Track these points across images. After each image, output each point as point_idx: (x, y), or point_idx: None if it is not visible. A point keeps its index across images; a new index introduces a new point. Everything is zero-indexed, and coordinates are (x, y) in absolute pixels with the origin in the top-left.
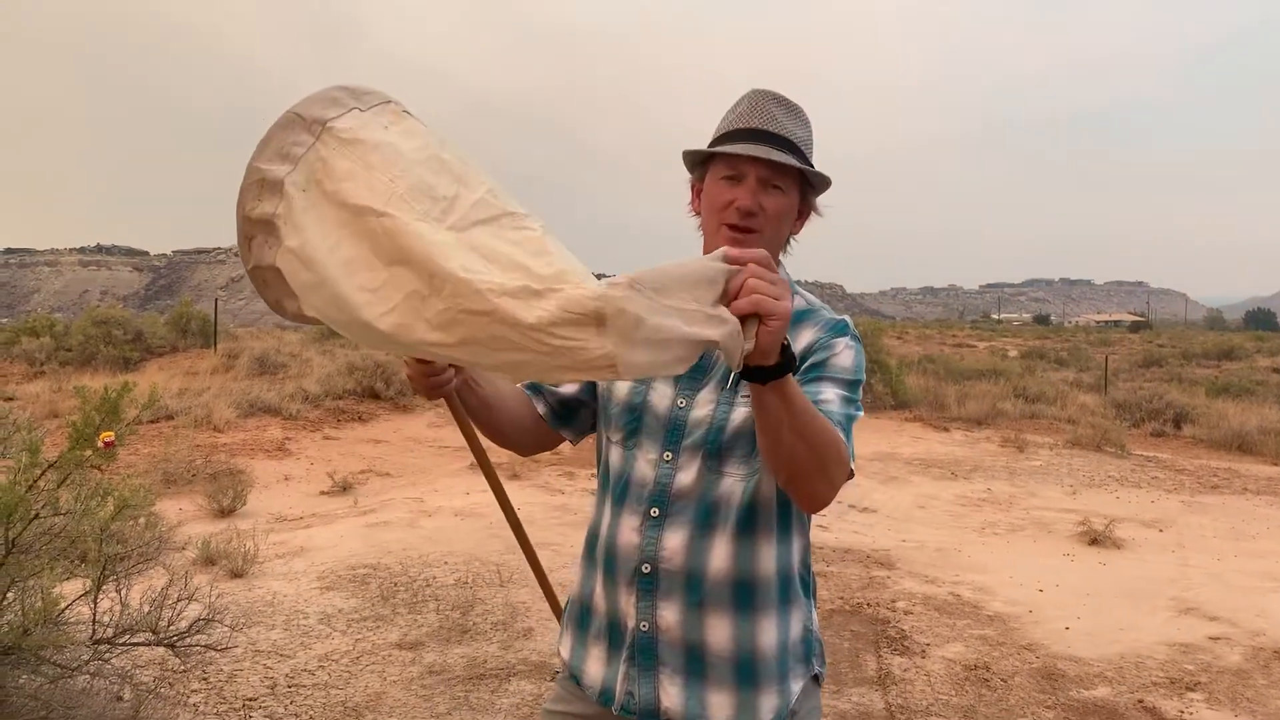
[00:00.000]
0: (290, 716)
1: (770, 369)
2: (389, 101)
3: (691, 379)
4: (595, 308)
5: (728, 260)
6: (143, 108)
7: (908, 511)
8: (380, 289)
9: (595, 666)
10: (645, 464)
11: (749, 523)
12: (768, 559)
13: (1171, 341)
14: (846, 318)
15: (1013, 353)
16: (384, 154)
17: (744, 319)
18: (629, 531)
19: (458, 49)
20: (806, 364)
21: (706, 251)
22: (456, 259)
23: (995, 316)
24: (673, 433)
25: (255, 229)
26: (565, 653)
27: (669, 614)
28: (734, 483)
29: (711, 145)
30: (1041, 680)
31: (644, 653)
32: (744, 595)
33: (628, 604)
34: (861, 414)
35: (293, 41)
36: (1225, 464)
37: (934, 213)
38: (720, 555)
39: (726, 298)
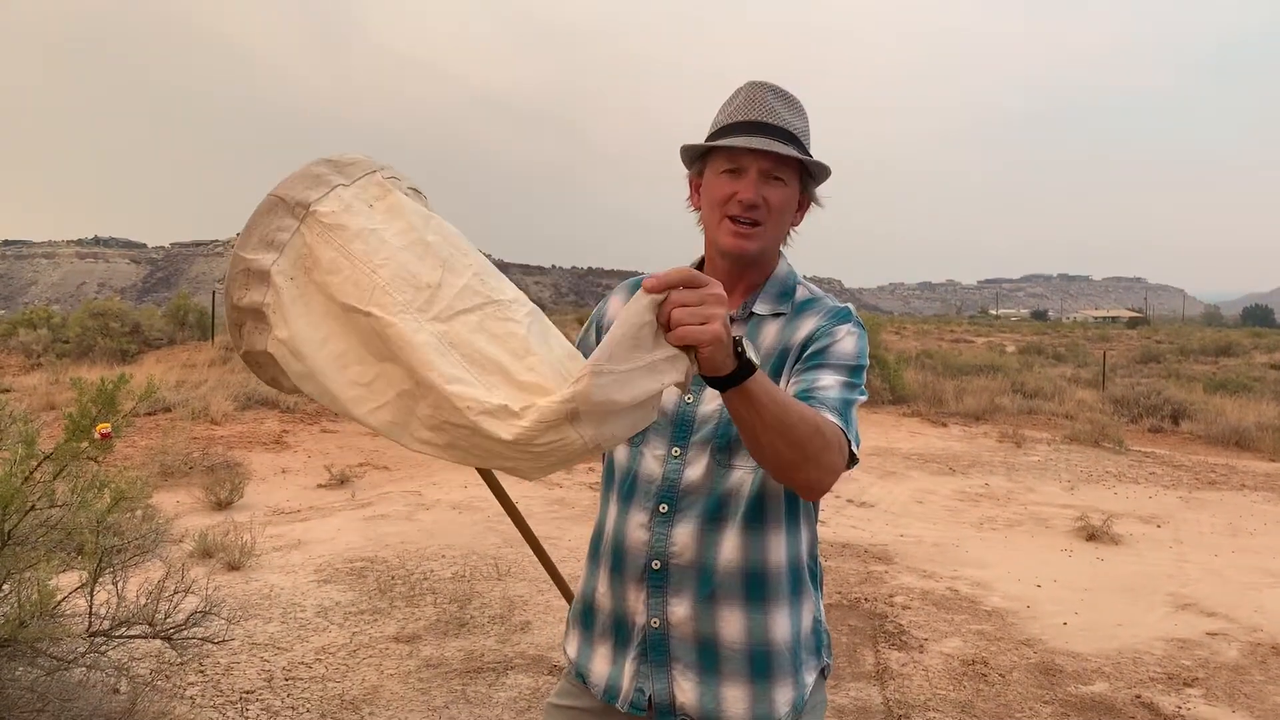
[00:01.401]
0: (287, 709)
1: (726, 378)
2: (374, 171)
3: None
4: (568, 410)
5: (646, 290)
6: (140, 100)
7: (905, 506)
8: (372, 383)
9: (601, 665)
10: (653, 460)
11: (758, 514)
12: (778, 549)
13: (1169, 338)
14: (849, 305)
15: (1011, 348)
16: (366, 242)
17: (683, 347)
18: (637, 528)
19: (458, 44)
20: (808, 352)
21: (708, 246)
22: (438, 366)
23: (993, 312)
24: (681, 428)
25: (245, 316)
26: (571, 652)
27: (680, 609)
28: (743, 475)
29: (710, 139)
30: (1039, 675)
31: (655, 649)
32: (755, 587)
33: (637, 601)
34: (863, 398)
35: (292, 34)
36: (1223, 460)
37: (932, 208)
38: (730, 547)
39: (662, 329)
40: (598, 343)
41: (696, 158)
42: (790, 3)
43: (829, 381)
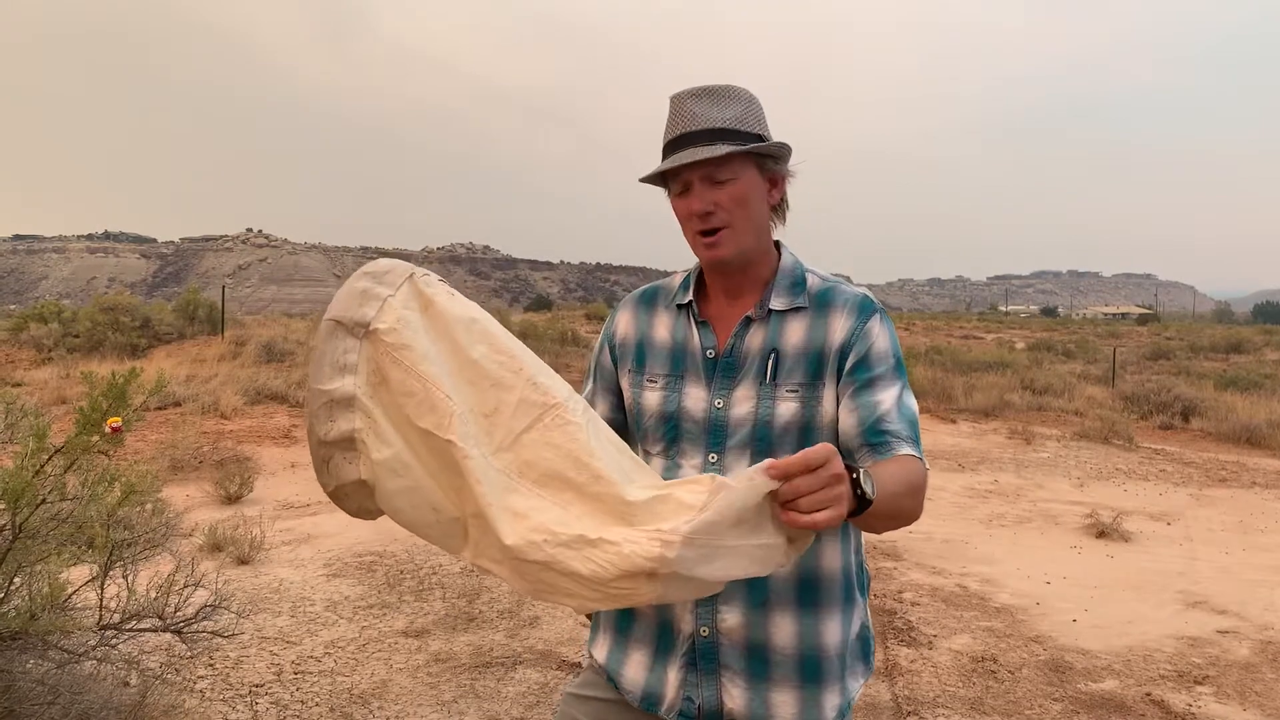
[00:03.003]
0: (296, 703)
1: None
2: (410, 275)
3: (725, 377)
4: (650, 569)
5: (767, 475)
6: (150, 95)
7: None
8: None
9: (636, 671)
10: (690, 470)
11: None
12: (832, 556)
13: (1179, 334)
14: (865, 291)
15: (1020, 344)
16: (433, 363)
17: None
18: None
19: (467, 39)
20: (850, 364)
21: (693, 251)
22: (505, 517)
23: (1002, 308)
24: (715, 435)
25: (332, 450)
26: (600, 655)
27: (731, 617)
28: None
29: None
30: (1049, 672)
31: (706, 657)
32: (808, 593)
33: (684, 610)
34: (909, 393)
35: (302, 29)
36: (1233, 457)
37: (941, 204)
38: None
39: (777, 510)
40: (613, 365)
41: (660, 184)
42: None
43: (887, 400)
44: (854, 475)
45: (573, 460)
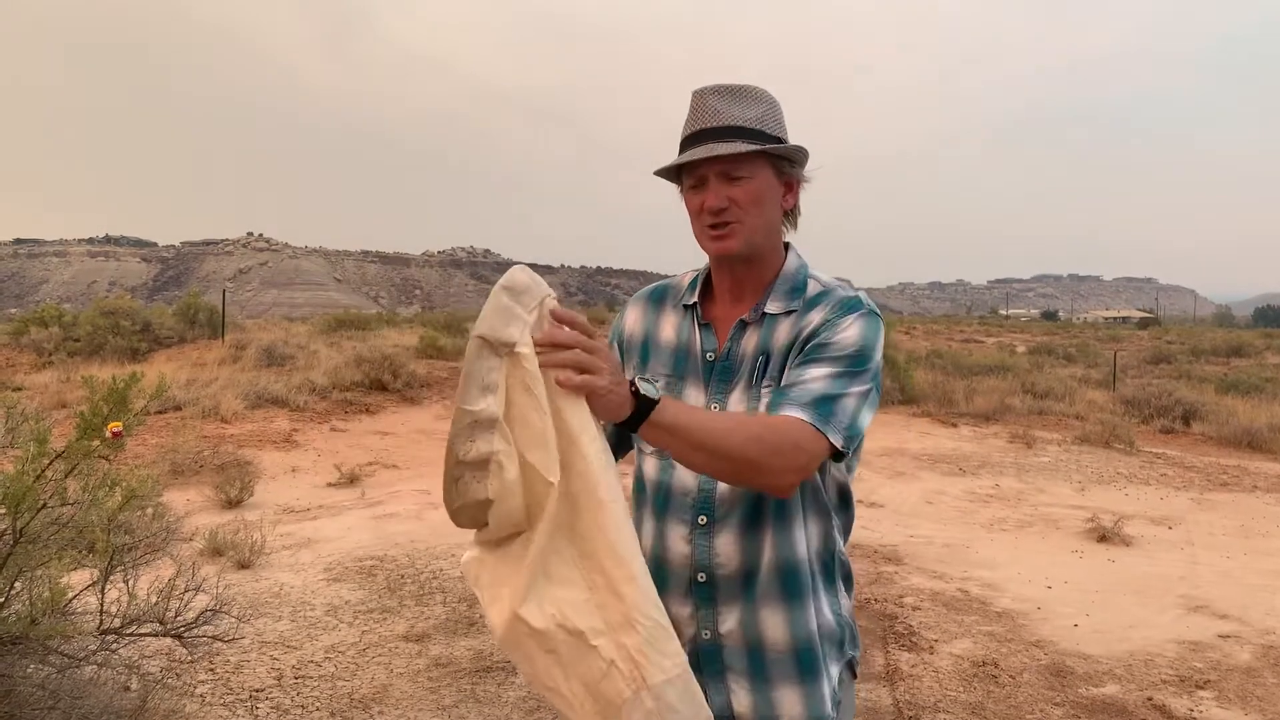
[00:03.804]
0: (297, 708)
1: (631, 418)
2: (541, 300)
3: (721, 381)
4: (617, 704)
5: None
6: (150, 98)
7: (915, 507)
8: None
9: None
10: (685, 472)
11: (781, 508)
12: (801, 542)
13: (1180, 338)
14: (860, 294)
15: (1021, 348)
16: (547, 393)
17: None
18: (679, 541)
19: (469, 41)
20: (807, 346)
21: (701, 246)
22: (539, 582)
23: (1003, 312)
24: None
25: (465, 469)
26: None
27: (731, 619)
28: None
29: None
30: (1050, 677)
31: (710, 661)
32: (790, 583)
33: (683, 614)
34: (861, 389)
35: (303, 32)
36: (1234, 461)
37: (942, 208)
38: (767, 549)
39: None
40: (622, 359)
41: (675, 177)
42: (801, 1)
43: (813, 375)
44: (632, 382)
45: (614, 554)
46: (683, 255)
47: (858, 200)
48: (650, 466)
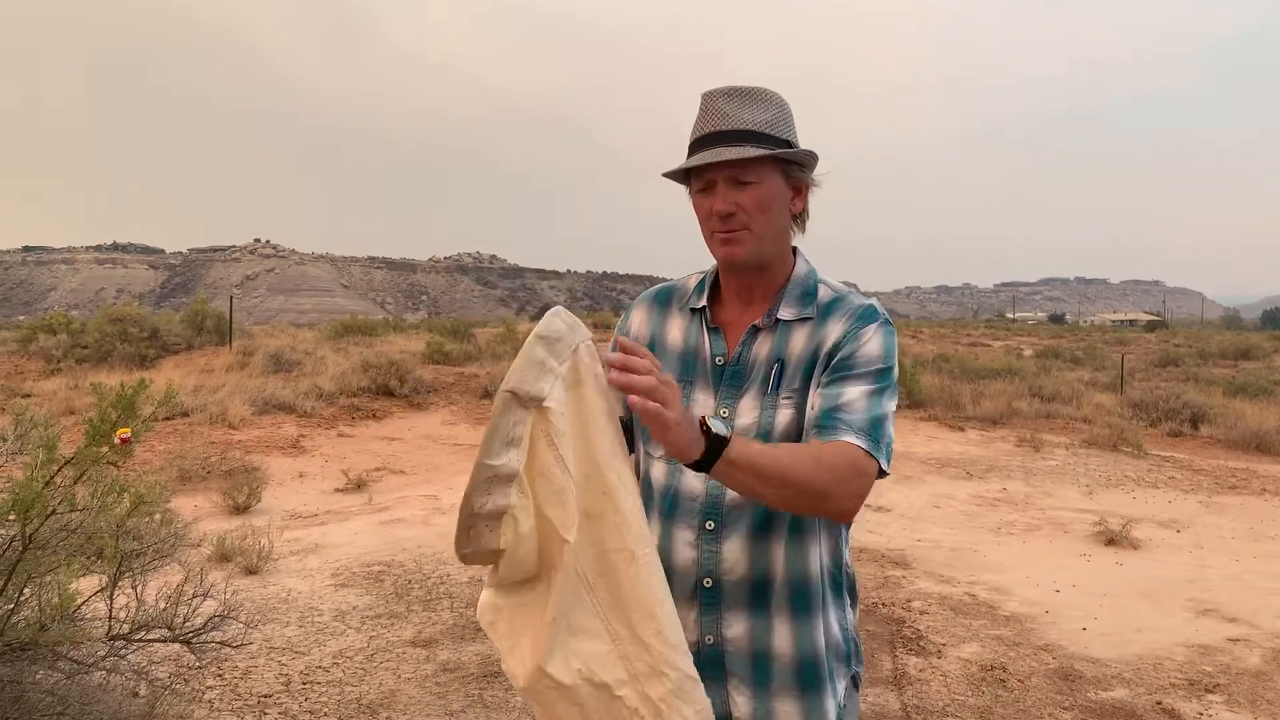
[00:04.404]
0: (305, 713)
1: (702, 460)
2: (576, 347)
3: (732, 385)
4: None
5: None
6: (158, 106)
7: (923, 511)
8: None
9: None
10: (694, 477)
11: (797, 524)
12: (815, 558)
13: (1188, 341)
14: (874, 302)
15: (1028, 352)
16: (569, 456)
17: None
18: (685, 546)
19: (473, 44)
20: (835, 360)
21: (710, 250)
22: (562, 637)
23: (1010, 315)
24: None
25: (478, 520)
26: None
27: (736, 625)
28: None
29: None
30: (1058, 681)
31: (713, 666)
32: (800, 597)
33: (687, 619)
34: (893, 404)
35: (309, 39)
36: (1243, 464)
37: (949, 211)
38: (777, 559)
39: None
40: None
41: (683, 179)
42: (806, 2)
43: (853, 396)
44: (703, 421)
45: (642, 606)
46: (688, 259)
47: (862, 203)
48: (658, 471)
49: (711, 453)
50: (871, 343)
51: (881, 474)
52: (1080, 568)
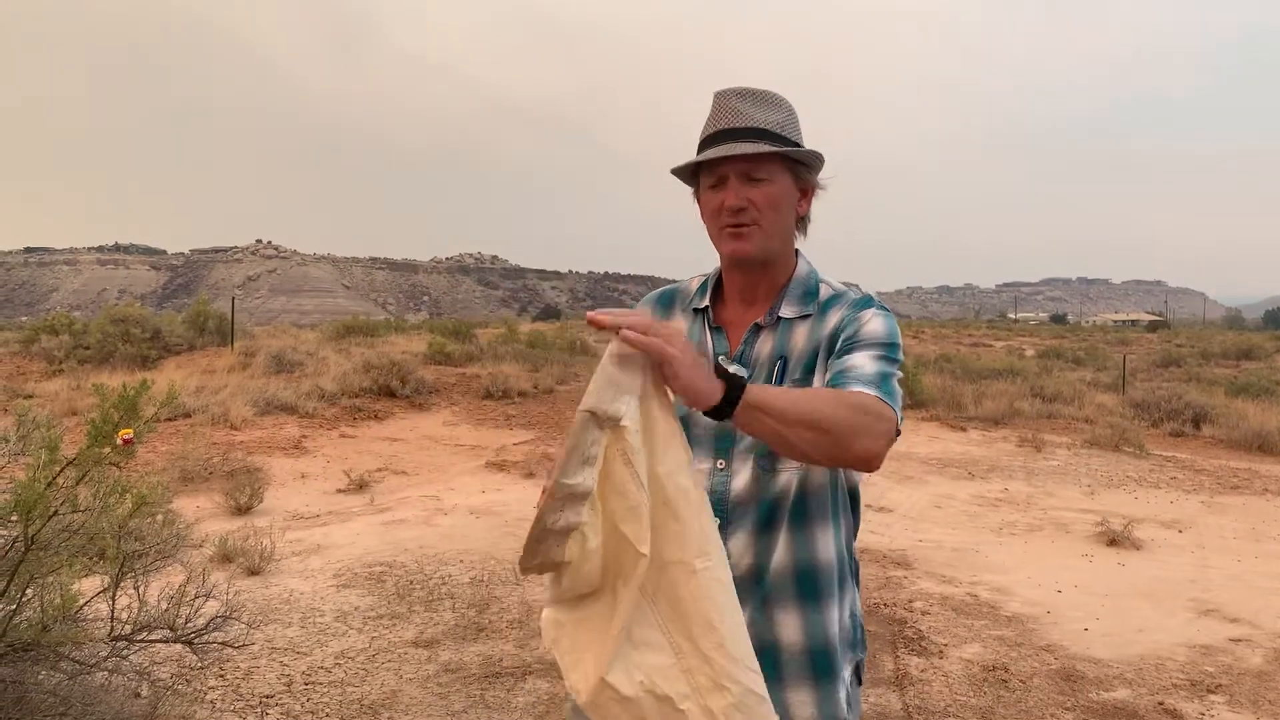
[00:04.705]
0: (307, 714)
1: (724, 403)
2: (645, 366)
3: None
4: None
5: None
6: (161, 107)
7: (924, 511)
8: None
9: None
10: (700, 475)
11: (802, 512)
12: (825, 545)
13: (1190, 341)
14: (872, 294)
15: (1030, 352)
16: (647, 468)
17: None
18: None
19: (476, 48)
20: (839, 342)
21: (721, 259)
22: (625, 649)
23: (1012, 316)
24: (723, 440)
25: (549, 534)
26: None
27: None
28: (789, 476)
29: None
30: (1060, 681)
31: None
32: (808, 585)
33: None
34: (899, 373)
35: (312, 41)
36: (1245, 464)
37: (950, 211)
38: (782, 550)
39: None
40: None
41: (691, 178)
42: (807, 3)
43: (860, 359)
44: (715, 362)
45: (703, 618)
46: (689, 260)
47: (864, 204)
48: None
49: (730, 397)
50: (873, 323)
51: (896, 433)
52: (1082, 568)
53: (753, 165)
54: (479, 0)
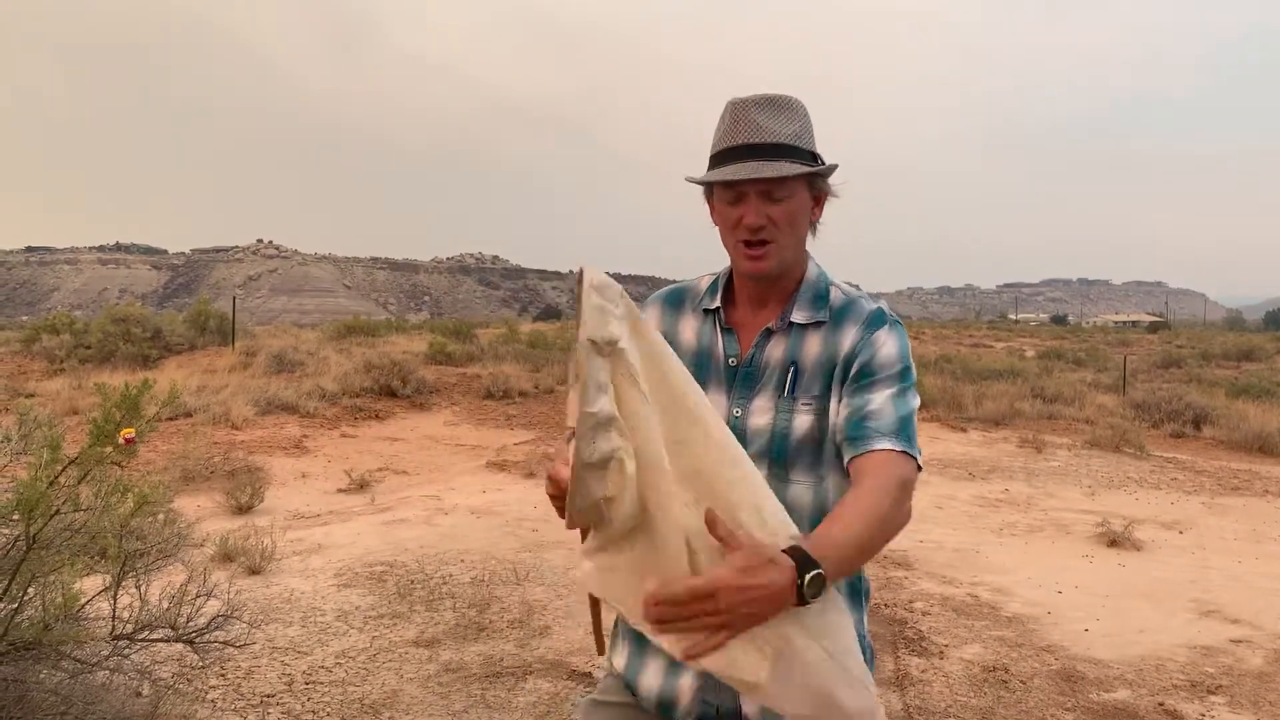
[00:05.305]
0: (307, 713)
1: (803, 594)
2: (621, 290)
3: (744, 387)
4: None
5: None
6: (161, 107)
7: (925, 512)
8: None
9: (652, 679)
10: None
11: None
12: None
13: (1190, 342)
14: (881, 304)
15: (1030, 353)
16: (651, 383)
17: None
18: None
19: (477, 48)
20: (854, 370)
21: (730, 257)
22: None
23: (1012, 316)
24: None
25: (587, 471)
26: (619, 664)
27: None
28: (802, 489)
29: (709, 167)
30: (1061, 682)
31: None
32: None
33: None
34: (916, 401)
35: (312, 41)
36: (1245, 465)
37: (951, 211)
38: None
39: None
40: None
41: (705, 183)
42: (807, 3)
43: (880, 401)
44: (800, 584)
45: (746, 505)
46: (689, 259)
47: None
48: None
49: (814, 584)
50: (886, 345)
51: (918, 471)
52: (1082, 569)
53: (774, 184)
54: (479, 0)
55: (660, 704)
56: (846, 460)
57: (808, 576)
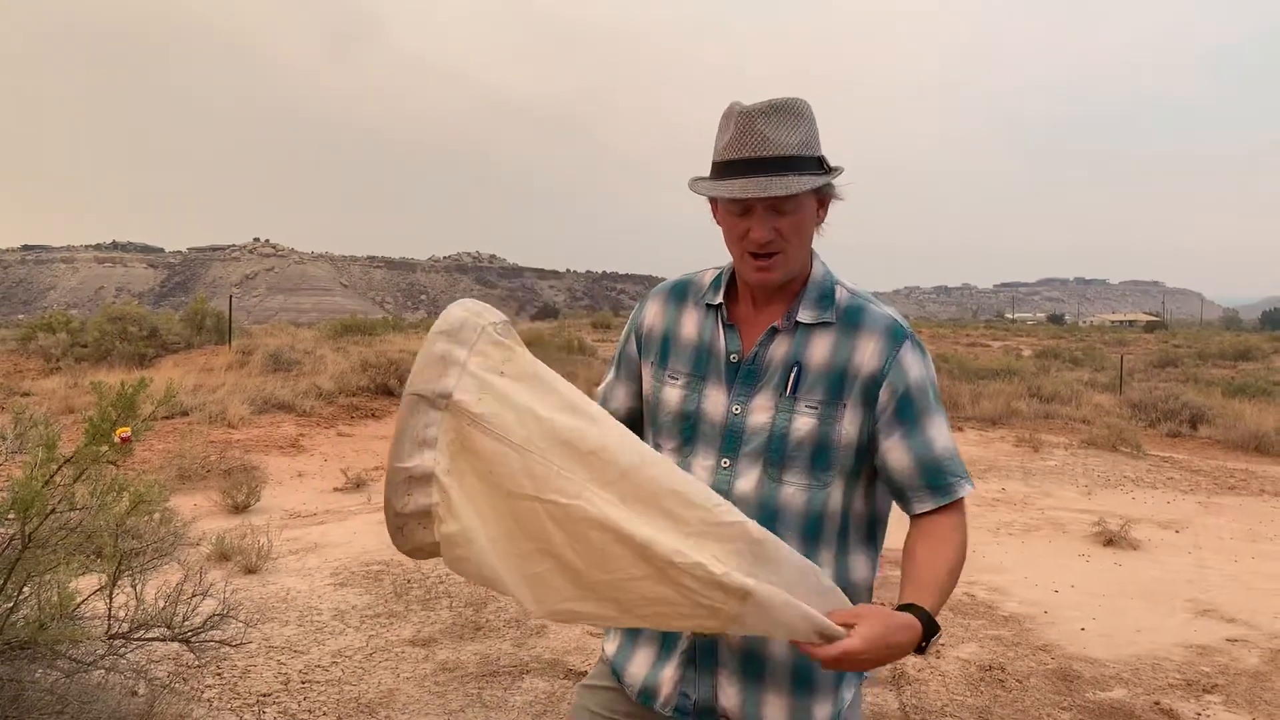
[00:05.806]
0: (304, 712)
1: (923, 644)
2: (482, 328)
3: (745, 384)
4: (743, 591)
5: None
6: (159, 105)
7: None
8: (537, 566)
9: (639, 667)
10: (702, 471)
11: (813, 533)
12: (827, 570)
13: (1187, 341)
14: (893, 314)
15: (1027, 352)
16: (526, 426)
17: None
18: None
19: (477, 48)
20: (890, 399)
21: (736, 265)
22: (658, 540)
23: (1009, 316)
24: (730, 439)
25: (407, 519)
26: (610, 650)
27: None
28: (794, 492)
29: (711, 175)
30: (1057, 681)
31: (705, 656)
32: None
33: None
34: (948, 423)
35: (312, 40)
36: (1242, 465)
37: (948, 211)
38: None
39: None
40: (638, 354)
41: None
42: (806, 3)
43: (942, 439)
44: (923, 647)
45: (677, 495)
46: (688, 258)
47: (862, 204)
48: None
49: (926, 640)
50: (914, 367)
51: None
52: (1079, 568)
53: (782, 199)
54: (479, 0)
55: (642, 692)
56: (932, 507)
57: (931, 640)
